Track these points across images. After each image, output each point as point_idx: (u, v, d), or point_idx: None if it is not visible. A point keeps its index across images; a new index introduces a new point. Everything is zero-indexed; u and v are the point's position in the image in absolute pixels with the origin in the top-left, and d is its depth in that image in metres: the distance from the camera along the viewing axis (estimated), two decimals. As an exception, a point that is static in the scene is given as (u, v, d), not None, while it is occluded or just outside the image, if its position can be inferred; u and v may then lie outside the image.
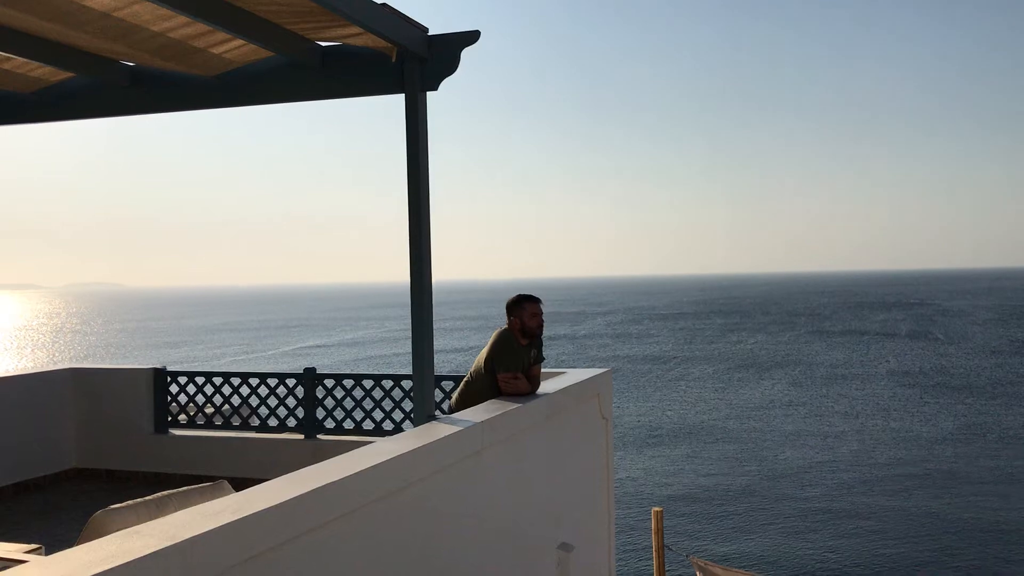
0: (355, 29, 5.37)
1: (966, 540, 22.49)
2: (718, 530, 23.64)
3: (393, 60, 5.75)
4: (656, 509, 9.32)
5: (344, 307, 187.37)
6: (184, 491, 4.26)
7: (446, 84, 5.81)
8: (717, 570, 9.39)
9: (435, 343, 6.34)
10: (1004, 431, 36.88)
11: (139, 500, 4.06)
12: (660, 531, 9.01)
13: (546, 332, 6.21)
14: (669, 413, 42.94)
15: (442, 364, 58.48)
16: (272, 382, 8.58)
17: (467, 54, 5.74)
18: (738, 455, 33.05)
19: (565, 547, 6.00)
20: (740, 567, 18.67)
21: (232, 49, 6.07)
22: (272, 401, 8.58)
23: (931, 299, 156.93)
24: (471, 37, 5.73)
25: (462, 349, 76.44)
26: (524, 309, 5.89)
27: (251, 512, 3.03)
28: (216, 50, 6.06)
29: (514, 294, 6.08)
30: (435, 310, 6.21)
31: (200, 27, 5.58)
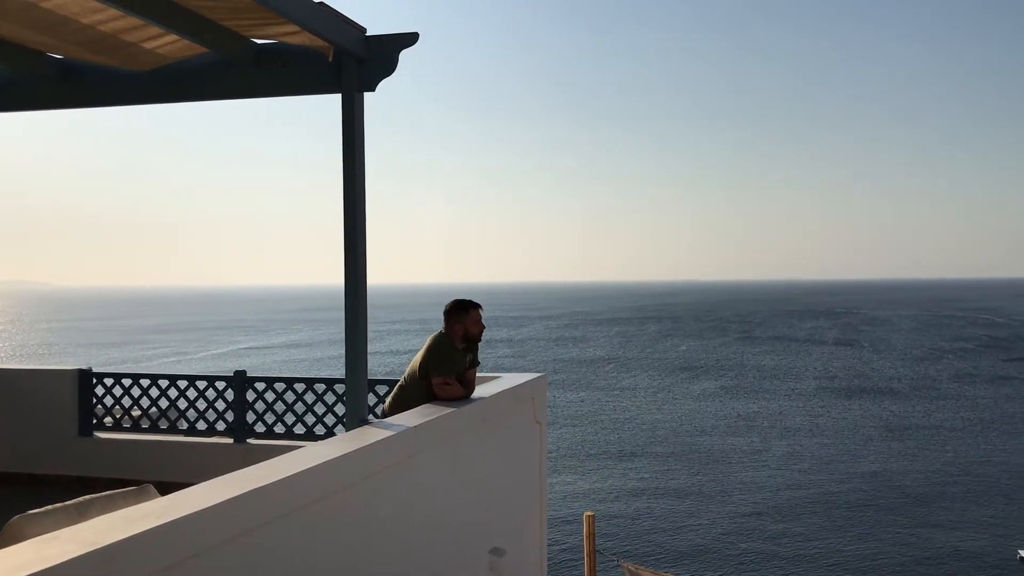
0: (291, 27, 5.30)
1: (890, 539, 23.17)
2: (649, 533, 23.91)
3: (330, 60, 5.70)
4: (588, 513, 9.40)
5: (279, 309, 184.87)
6: (107, 495, 4.14)
7: (385, 85, 5.79)
8: (647, 574, 9.51)
9: (369, 347, 6.29)
10: (921, 431, 38.11)
11: (59, 505, 3.94)
12: (592, 535, 9.09)
13: (485, 336, 6.22)
14: (603, 417, 43.33)
15: (376, 368, 58.11)
16: (201, 384, 8.42)
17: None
18: (670, 459, 33.50)
19: (497, 551, 6.00)
20: (670, 570, 18.93)
21: (165, 44, 5.95)
22: (201, 404, 8.42)
23: (858, 308, 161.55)
24: (410, 39, 5.70)
25: (397, 352, 76.01)
26: (468, 315, 5.89)
27: (176, 517, 2.97)
28: (148, 45, 5.93)
29: (451, 299, 6.06)
30: (370, 313, 6.17)
31: (132, 21, 5.46)
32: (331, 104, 5.87)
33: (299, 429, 8.19)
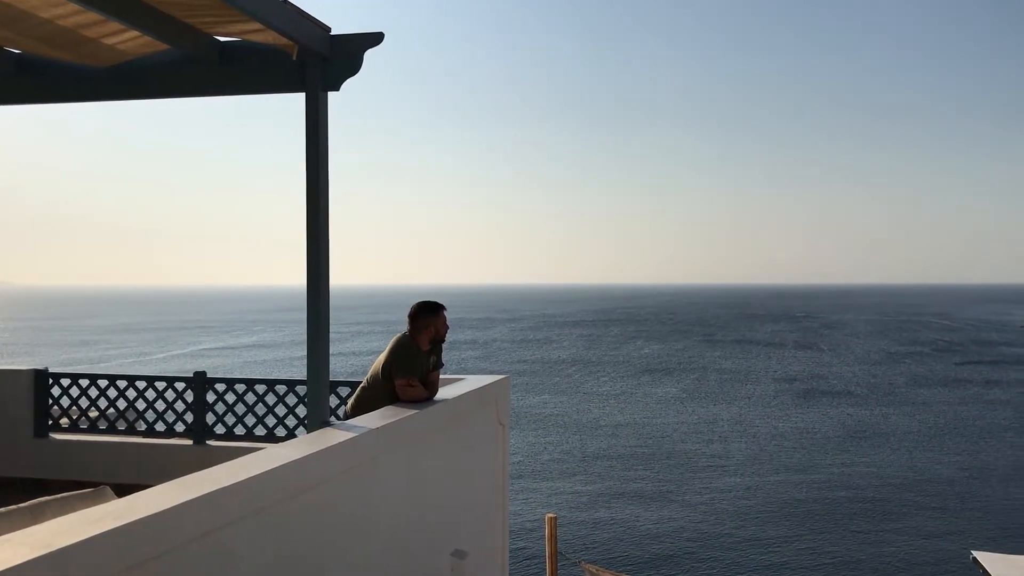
0: (255, 25, 5.27)
1: (846, 541, 23.50)
2: (611, 536, 24.02)
3: (294, 58, 5.67)
4: (550, 515, 9.43)
5: (242, 310, 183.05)
6: (63, 497, 4.09)
7: (352, 84, 5.77)
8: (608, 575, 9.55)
9: (332, 348, 6.26)
10: (878, 434, 38.73)
11: (13, 507, 3.87)
12: (553, 537, 9.11)
13: (450, 337, 6.23)
14: (566, 420, 43.45)
15: (339, 369, 57.75)
16: (160, 385, 8.32)
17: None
18: (632, 462, 33.68)
19: (459, 554, 6.00)
20: (631, 573, 19.04)
21: (126, 40, 5.87)
22: (160, 405, 8.31)
23: (817, 313, 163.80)
24: (375, 39, 5.69)
25: (360, 353, 75.61)
26: (438, 316, 5.89)
27: (133, 519, 2.93)
28: (108, 41, 5.85)
29: (416, 302, 6.05)
30: (333, 315, 6.14)
31: (92, 16, 5.39)
32: (296, 103, 5.85)
33: (260, 431, 8.12)
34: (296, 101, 5.83)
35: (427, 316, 5.87)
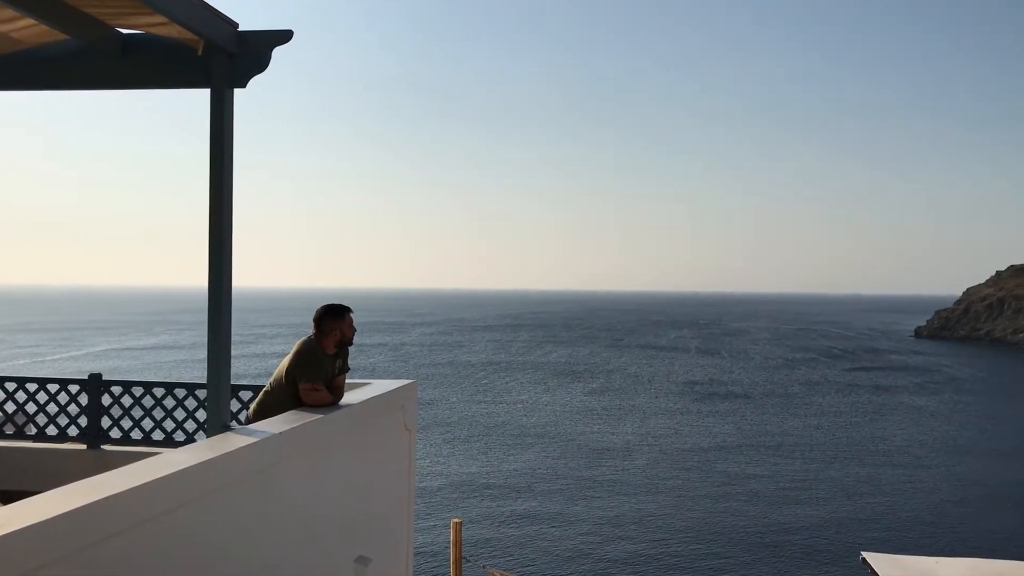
0: (159, 18, 5.13)
1: (740, 540, 24.19)
2: (517, 540, 24.15)
3: (199, 53, 5.53)
4: (455, 520, 9.43)
5: (141, 311, 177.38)
6: (-59, 506, 3.89)
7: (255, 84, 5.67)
8: (513, 579, 9.60)
9: (235, 351, 6.13)
10: (772, 436, 40.04)
11: None
12: (458, 542, 9.12)
13: (360, 341, 6.16)
14: (475, 423, 43.50)
15: (242, 372, 56.43)
16: (53, 388, 7.99)
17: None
18: (538, 465, 33.94)
19: (363, 560, 5.95)
20: None
21: (20, 28, 5.64)
22: (52, 408, 7.98)
23: (719, 320, 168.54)
24: (283, 36, 5.61)
25: (264, 355, 74.10)
26: (344, 319, 5.80)
27: (19, 527, 2.81)
28: (2, 28, 5.61)
29: (321, 305, 5.96)
30: (237, 317, 6.03)
31: (-17, 2, 5.14)
32: (201, 99, 5.71)
33: (158, 435, 7.88)
34: (201, 97, 5.70)
35: (332, 319, 5.79)
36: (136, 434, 7.94)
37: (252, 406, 5.90)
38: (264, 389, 5.87)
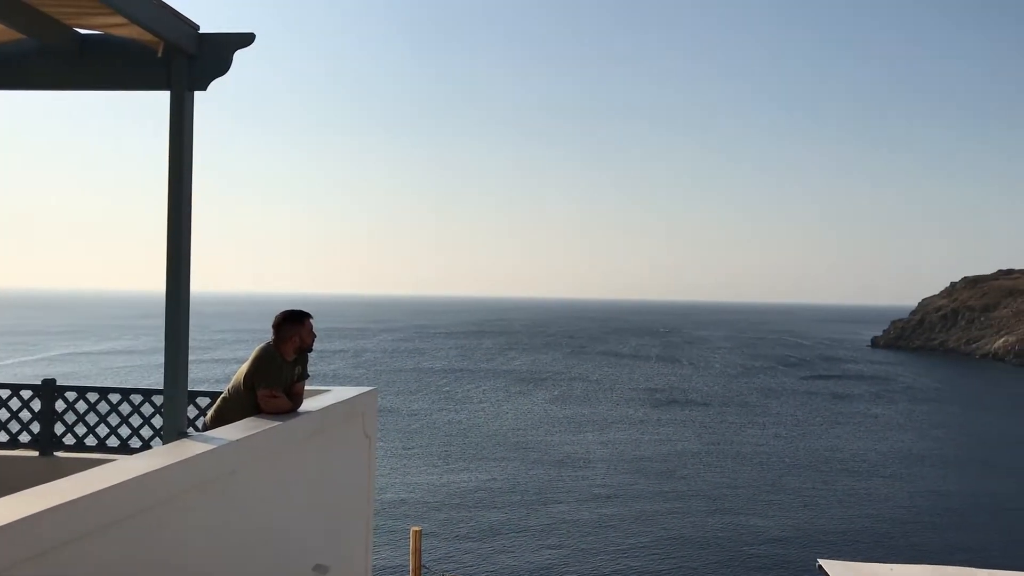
0: (119, 18, 5.07)
1: (698, 548, 24.38)
2: (477, 548, 24.09)
3: (159, 55, 5.48)
4: (415, 528, 9.39)
5: (96, 315, 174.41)
6: None
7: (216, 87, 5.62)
8: (473, 587, 9.58)
9: (192, 356, 6.06)
10: (730, 443, 40.46)
11: None
12: (418, 551, 9.08)
13: (321, 347, 6.12)
14: (436, 431, 43.37)
15: (199, 378, 55.70)
16: (4, 393, 7.83)
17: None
18: (500, 473, 33.92)
19: (320, 568, 5.90)
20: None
21: (-26, 26, 5.53)
22: (3, 414, 7.81)
23: (680, 328, 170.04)
24: (245, 39, 5.57)
25: (222, 361, 73.22)
26: (303, 326, 5.74)
27: (-34, 536, 2.75)
28: (-46, 25, 5.50)
29: (281, 311, 5.91)
30: (195, 322, 5.95)
31: (-64, -2, 5.05)
32: (161, 102, 5.65)
33: (113, 442, 7.76)
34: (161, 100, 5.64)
35: (292, 325, 5.73)
36: (91, 440, 7.81)
37: (210, 413, 5.82)
38: (222, 395, 5.80)
